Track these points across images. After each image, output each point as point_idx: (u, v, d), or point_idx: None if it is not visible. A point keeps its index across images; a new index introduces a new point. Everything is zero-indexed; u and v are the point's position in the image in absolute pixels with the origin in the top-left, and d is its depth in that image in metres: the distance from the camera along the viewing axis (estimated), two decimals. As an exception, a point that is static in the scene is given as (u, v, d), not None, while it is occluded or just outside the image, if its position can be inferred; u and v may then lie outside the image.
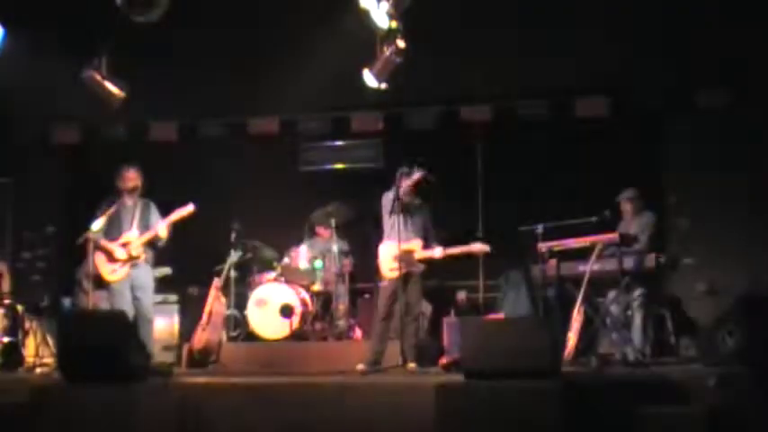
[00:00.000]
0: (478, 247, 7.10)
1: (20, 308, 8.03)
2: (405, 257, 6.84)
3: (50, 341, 7.86)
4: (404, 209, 6.91)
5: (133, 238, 6.97)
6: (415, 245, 6.94)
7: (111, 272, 6.96)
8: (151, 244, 7.06)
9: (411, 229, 6.96)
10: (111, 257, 6.97)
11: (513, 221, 7.62)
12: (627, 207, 7.29)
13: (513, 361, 4.66)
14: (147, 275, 7.09)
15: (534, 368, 4.64)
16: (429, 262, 7.00)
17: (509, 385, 4.58)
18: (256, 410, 5.24)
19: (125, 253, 6.93)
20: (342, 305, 8.38)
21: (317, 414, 5.15)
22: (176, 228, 7.14)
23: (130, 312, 6.80)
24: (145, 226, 7.03)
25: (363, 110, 9.53)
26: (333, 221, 8.45)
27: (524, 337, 4.79)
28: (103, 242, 6.96)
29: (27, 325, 7.99)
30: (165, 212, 7.12)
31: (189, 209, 7.02)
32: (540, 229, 7.04)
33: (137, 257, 6.96)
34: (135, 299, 6.94)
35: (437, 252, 6.94)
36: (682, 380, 4.97)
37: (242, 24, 7.94)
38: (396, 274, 6.84)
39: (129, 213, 7.05)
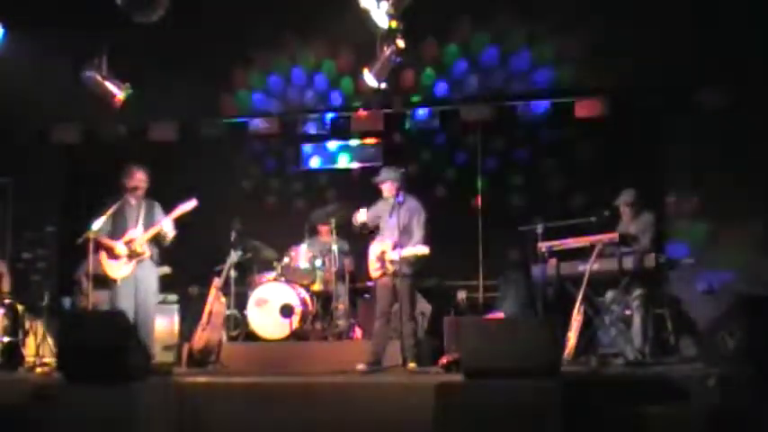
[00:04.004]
0: (423, 250, 6.82)
1: (20, 308, 8.04)
2: (381, 258, 6.96)
3: (50, 341, 7.87)
4: (388, 210, 7.02)
5: (137, 235, 6.97)
6: (387, 245, 6.95)
7: (116, 269, 6.95)
8: (156, 242, 7.05)
9: (388, 228, 7.01)
10: (111, 254, 6.95)
11: (513, 221, 7.64)
12: (626, 210, 7.26)
13: (513, 361, 4.66)
14: (152, 275, 7.07)
15: (534, 368, 4.64)
16: (427, 261, 7.01)
17: (509, 385, 4.58)
18: (256, 410, 5.24)
19: (126, 249, 6.93)
20: (342, 305, 8.38)
21: (317, 414, 5.15)
22: (177, 226, 7.14)
23: (132, 312, 6.80)
24: (150, 224, 7.02)
25: (363, 109, 9.53)
26: (333, 221, 8.45)
27: (524, 337, 4.79)
28: (104, 239, 6.95)
29: (27, 325, 8.00)
30: (166, 211, 7.12)
31: (192, 203, 7.05)
32: (540, 229, 7.04)
33: (141, 254, 6.95)
34: (138, 298, 6.93)
35: (395, 255, 6.84)
36: (682, 380, 4.97)
37: (242, 24, 7.95)
38: (378, 273, 7.02)
39: (135, 212, 7.04)
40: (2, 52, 7.14)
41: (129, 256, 6.93)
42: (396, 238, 6.86)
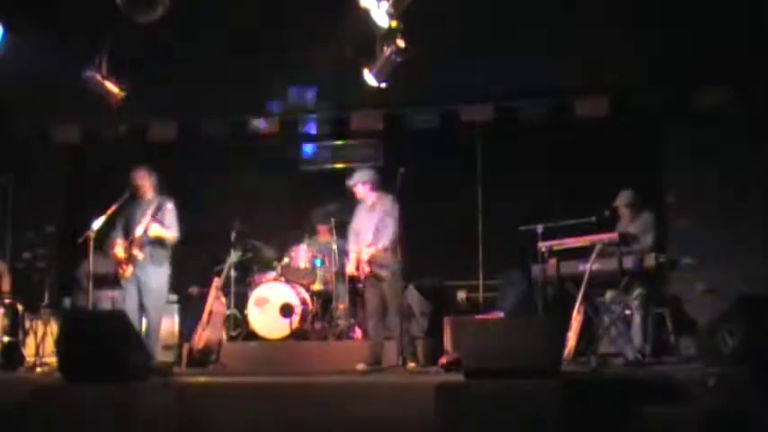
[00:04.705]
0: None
1: (20, 308, 8.04)
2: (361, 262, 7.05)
3: (50, 341, 7.87)
4: (364, 210, 7.14)
5: (137, 236, 6.96)
6: (364, 249, 7.03)
7: (119, 271, 6.95)
8: (159, 242, 7.02)
9: (364, 230, 7.09)
10: (112, 256, 6.95)
11: (513, 221, 7.63)
12: (624, 211, 7.26)
13: (513, 361, 4.66)
14: (154, 276, 6.97)
15: (534, 368, 4.64)
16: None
17: (509, 385, 4.58)
18: (256, 410, 5.24)
19: (121, 251, 6.91)
20: (342, 305, 8.38)
21: (317, 414, 5.15)
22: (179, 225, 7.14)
23: (137, 312, 6.79)
24: (158, 223, 6.99)
25: (363, 109, 9.52)
26: (333, 221, 8.45)
27: (524, 337, 4.79)
28: (115, 241, 6.95)
29: (27, 325, 8.00)
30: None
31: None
32: (540, 229, 7.04)
33: (135, 256, 6.91)
34: (142, 298, 6.91)
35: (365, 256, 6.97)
36: (682, 380, 4.97)
37: (242, 24, 7.94)
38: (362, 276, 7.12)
39: (142, 212, 7.02)
40: (2, 52, 7.13)
41: (127, 257, 6.92)
42: (370, 238, 6.90)
